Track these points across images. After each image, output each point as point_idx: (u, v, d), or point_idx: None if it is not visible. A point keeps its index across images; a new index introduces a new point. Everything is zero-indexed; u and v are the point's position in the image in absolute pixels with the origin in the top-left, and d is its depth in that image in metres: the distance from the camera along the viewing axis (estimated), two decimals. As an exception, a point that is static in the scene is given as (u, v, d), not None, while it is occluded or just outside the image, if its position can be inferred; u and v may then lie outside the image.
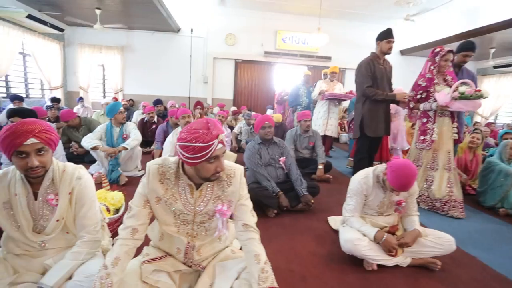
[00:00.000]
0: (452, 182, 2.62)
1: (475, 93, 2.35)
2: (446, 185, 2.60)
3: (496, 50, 7.41)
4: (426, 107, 2.66)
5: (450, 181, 2.61)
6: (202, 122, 1.07)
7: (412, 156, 2.83)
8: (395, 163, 1.55)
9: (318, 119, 4.77)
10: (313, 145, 3.59)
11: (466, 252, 1.93)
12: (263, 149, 2.57)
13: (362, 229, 1.68)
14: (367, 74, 2.82)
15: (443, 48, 2.59)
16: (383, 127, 2.93)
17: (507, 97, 8.15)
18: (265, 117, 2.57)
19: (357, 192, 1.73)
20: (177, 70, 8.08)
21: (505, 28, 5.74)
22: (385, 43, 2.81)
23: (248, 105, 8.23)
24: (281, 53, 8.03)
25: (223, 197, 1.21)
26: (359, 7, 6.99)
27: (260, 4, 7.30)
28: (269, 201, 2.30)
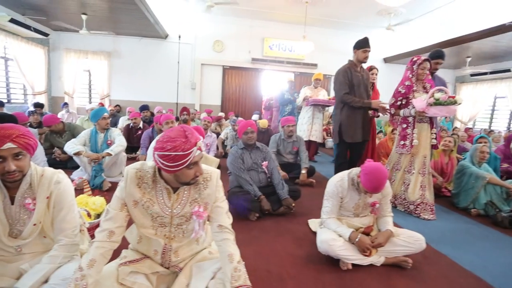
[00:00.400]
0: (425, 186, 2.72)
1: (448, 99, 2.44)
2: (419, 189, 2.71)
3: (472, 59, 7.78)
4: (405, 113, 2.75)
5: (423, 185, 2.72)
6: (179, 131, 1.09)
7: (393, 161, 2.91)
8: (368, 167, 1.64)
9: (303, 124, 4.88)
10: (297, 150, 3.67)
11: (437, 250, 2.03)
12: (246, 154, 2.62)
13: (338, 230, 1.75)
14: (345, 82, 2.93)
15: (420, 57, 2.69)
16: (360, 133, 3.01)
17: (483, 103, 8.53)
18: (247, 123, 2.63)
19: (333, 195, 1.80)
20: (164, 76, 8.09)
21: (480, 38, 6.06)
22: (361, 52, 2.92)
23: (236, 111, 8.30)
24: (268, 60, 8.18)
25: (200, 200, 1.25)
26: (343, 16, 7.23)
27: (247, 12, 7.44)
28: (251, 204, 2.34)
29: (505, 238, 2.34)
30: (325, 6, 6.58)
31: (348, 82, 2.94)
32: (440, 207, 2.98)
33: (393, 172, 2.89)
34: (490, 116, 8.74)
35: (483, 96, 8.45)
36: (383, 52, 8.81)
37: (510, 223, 2.51)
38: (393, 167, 2.89)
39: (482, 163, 2.95)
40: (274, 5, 6.83)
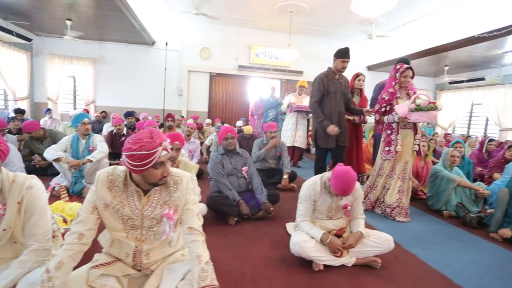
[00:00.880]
0: (403, 190, 2.78)
1: (429, 105, 2.50)
2: (396, 193, 2.78)
3: (450, 67, 8.13)
4: (389, 119, 2.80)
5: (401, 190, 2.78)
6: (146, 132, 1.17)
7: (377, 167, 2.94)
8: (337, 170, 1.71)
9: (287, 130, 4.98)
10: (279, 155, 3.75)
11: (407, 250, 2.11)
12: (226, 160, 2.67)
13: (311, 232, 1.81)
14: (318, 89, 3.01)
15: (402, 65, 2.75)
16: (334, 139, 3.04)
17: (461, 110, 8.88)
18: (227, 129, 2.69)
19: (306, 198, 1.87)
20: (151, 82, 8.09)
21: (455, 48, 6.36)
22: (340, 61, 2.99)
23: (223, 118, 8.36)
24: (254, 67, 8.30)
25: (170, 202, 1.29)
26: (327, 26, 7.45)
27: (234, 20, 7.57)
28: (229, 209, 2.39)
29: (472, 237, 2.46)
30: (309, 16, 6.78)
31: (324, 89, 3.00)
32: (416, 210, 3.10)
33: (377, 177, 2.92)
34: (468, 122, 9.09)
35: (461, 103, 8.81)
36: (367, 60, 9.09)
37: (477, 223, 2.64)
38: (378, 173, 2.93)
39: (453, 166, 3.09)
40: (260, 13, 6.98)
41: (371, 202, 2.96)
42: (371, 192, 2.97)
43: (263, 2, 6.27)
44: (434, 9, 5.82)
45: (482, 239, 2.40)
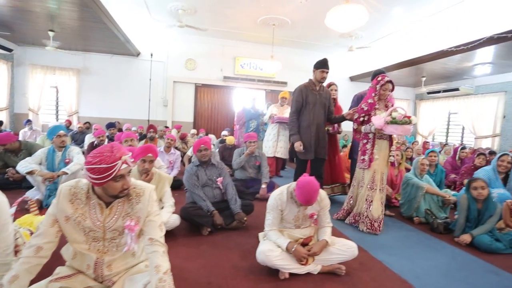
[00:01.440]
0: (383, 201, 2.84)
1: (404, 119, 2.53)
2: (380, 205, 2.76)
3: (427, 78, 8.48)
4: (366, 129, 2.84)
5: (382, 201, 2.81)
6: (107, 146, 1.23)
7: (357, 177, 2.92)
8: (301, 181, 1.78)
9: (269, 141, 5.06)
10: (259, 165, 3.81)
11: (374, 257, 2.18)
12: (201, 171, 2.71)
13: (277, 241, 1.86)
14: (297, 100, 3.06)
15: (384, 77, 2.77)
16: (312, 151, 3.04)
17: (440, 119, 9.22)
18: (201, 141, 2.73)
19: (274, 208, 1.92)
20: (136, 93, 8.10)
21: (430, 60, 6.67)
22: (319, 72, 3.02)
23: (208, 128, 8.41)
24: (239, 78, 8.44)
25: (132, 214, 1.33)
26: (309, 38, 7.69)
27: (219, 33, 7.72)
28: (202, 220, 2.41)
29: (438, 242, 2.56)
30: (291, 29, 6.99)
31: (302, 100, 3.03)
32: (389, 217, 3.19)
33: (358, 188, 2.91)
34: (446, 130, 9.43)
35: (439, 112, 9.16)
36: (349, 71, 9.38)
37: (444, 229, 2.75)
38: (358, 184, 2.91)
39: (423, 174, 3.22)
40: (244, 26, 7.16)
41: (353, 216, 2.88)
42: (355, 205, 2.90)
43: (246, 15, 6.45)
44: (409, 23, 6.10)
45: (447, 244, 2.51)
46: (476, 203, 2.53)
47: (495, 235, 2.43)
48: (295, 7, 5.80)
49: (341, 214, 3.05)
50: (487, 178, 3.18)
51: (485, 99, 7.75)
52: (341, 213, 3.06)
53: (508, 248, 2.37)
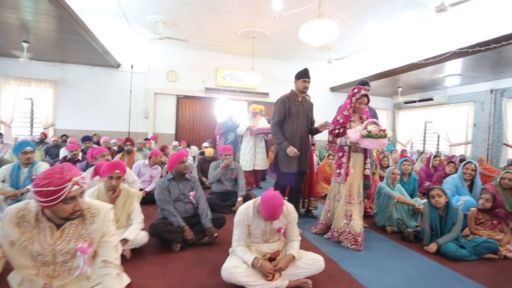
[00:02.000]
0: (362, 214, 2.79)
1: (379, 133, 2.52)
2: (360, 219, 2.72)
3: (403, 89, 8.81)
4: (342, 142, 2.78)
5: (361, 214, 2.77)
6: (58, 167, 1.19)
7: (333, 191, 2.89)
8: (265, 196, 1.79)
9: (245, 154, 5.01)
10: (235, 177, 3.79)
11: (343, 269, 2.19)
12: (173, 185, 2.67)
13: (244, 257, 1.84)
14: (279, 111, 2.96)
15: (360, 89, 2.78)
16: (296, 164, 2.92)
17: (417, 127, 9.54)
18: (181, 153, 2.70)
19: (240, 223, 1.91)
20: (116, 105, 7.97)
21: (405, 72, 6.95)
22: (301, 82, 2.96)
23: (190, 139, 8.34)
24: (221, 89, 8.47)
25: (86, 235, 1.28)
26: (289, 50, 7.85)
27: (200, 45, 7.78)
28: (172, 236, 2.36)
29: (408, 251, 2.60)
30: (271, 41, 7.14)
31: (285, 111, 2.94)
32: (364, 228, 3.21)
33: (334, 202, 2.86)
34: (423, 138, 9.76)
35: (416, 121, 9.48)
36: (329, 82, 9.61)
37: (414, 237, 2.81)
38: (335, 197, 2.86)
39: (395, 183, 3.29)
40: (225, 39, 7.24)
41: (332, 232, 2.81)
42: (334, 220, 2.85)
43: (226, 28, 6.54)
44: (383, 36, 6.35)
45: (416, 253, 2.55)
46: (438, 211, 2.61)
47: (460, 242, 2.50)
48: (273, 21, 5.94)
49: (319, 228, 3.00)
50: (454, 185, 3.31)
51: (457, 109, 8.11)
52: (318, 227, 3.01)
53: (472, 254, 2.44)
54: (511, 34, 4.30)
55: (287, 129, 3.00)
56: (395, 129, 10.42)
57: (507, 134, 6.95)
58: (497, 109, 7.22)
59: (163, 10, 5.73)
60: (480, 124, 7.56)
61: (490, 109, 7.27)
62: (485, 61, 5.69)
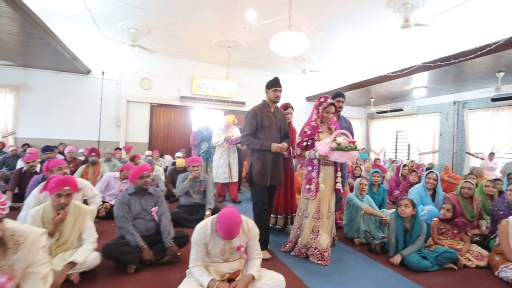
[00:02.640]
0: (330, 230, 2.68)
1: (349, 145, 2.40)
2: (326, 233, 2.61)
3: (375, 99, 9.11)
4: (310, 155, 2.63)
5: (328, 230, 2.65)
6: None
7: (302, 207, 2.75)
8: (221, 213, 1.71)
9: (219, 167, 4.85)
10: (204, 190, 3.67)
11: (307, 287, 2.13)
12: (134, 200, 2.51)
13: (200, 279, 1.74)
14: (250, 123, 2.77)
15: (326, 99, 2.68)
16: (268, 177, 2.73)
17: (389, 136, 9.88)
18: (142, 167, 2.56)
19: (197, 242, 1.81)
20: (86, 112, 7.61)
21: (375, 83, 7.19)
22: (272, 91, 2.80)
23: (165, 149, 8.11)
24: (197, 98, 8.35)
25: (6, 267, 1.14)
26: (265, 60, 7.91)
27: (175, 53, 7.66)
28: (127, 256, 2.20)
29: (374, 264, 2.60)
30: (246, 51, 7.15)
31: (257, 123, 2.75)
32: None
33: (302, 219, 2.72)
34: (395, 147, 10.11)
35: (388, 130, 9.83)
36: (305, 92, 9.77)
37: (381, 249, 2.82)
38: (303, 214, 2.72)
39: (363, 194, 3.32)
40: (200, 47, 7.18)
41: (299, 248, 2.69)
42: (300, 236, 2.72)
43: (201, 37, 6.48)
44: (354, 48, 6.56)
45: (382, 265, 2.56)
46: (403, 223, 2.64)
47: (422, 253, 2.54)
48: (248, 31, 5.95)
49: (288, 246, 2.82)
50: (419, 195, 3.40)
51: (425, 119, 8.49)
52: (288, 245, 2.83)
53: (434, 265, 2.48)
54: (468, 51, 4.56)
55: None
56: (369, 138, 10.74)
57: (469, 143, 7.34)
58: (460, 119, 7.63)
59: (134, 17, 5.58)
60: (446, 134, 7.95)
61: (453, 119, 7.67)
62: (447, 75, 6.02)
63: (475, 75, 6.05)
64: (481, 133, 7.12)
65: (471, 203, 3.28)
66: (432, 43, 5.39)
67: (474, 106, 7.35)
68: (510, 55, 4.75)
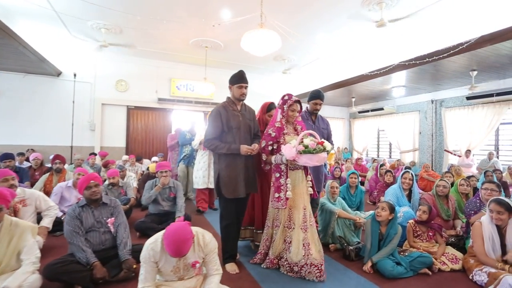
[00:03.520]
0: (309, 243, 2.31)
1: (317, 147, 2.20)
2: (302, 248, 2.29)
3: (356, 99, 9.14)
4: (277, 160, 2.37)
5: (305, 243, 2.30)
6: None
7: (271, 216, 2.50)
8: (169, 229, 1.53)
9: (198, 170, 4.54)
10: (174, 196, 3.47)
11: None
12: (86, 213, 2.29)
13: (148, 302, 1.56)
14: (214, 126, 2.43)
15: (291, 96, 2.44)
16: (243, 186, 2.42)
17: (371, 135, 9.94)
18: (89, 176, 2.35)
19: (146, 260, 1.63)
20: (57, 116, 7.23)
21: (356, 83, 7.17)
22: (237, 88, 2.47)
23: (143, 153, 7.82)
24: (176, 99, 8.11)
25: None
26: (244, 60, 7.74)
27: (152, 53, 7.40)
28: (74, 276, 1.98)
29: (347, 272, 2.46)
30: (224, 51, 6.98)
31: (222, 125, 2.41)
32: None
33: (273, 229, 2.47)
34: (377, 146, 10.18)
35: (370, 129, 9.88)
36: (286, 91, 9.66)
37: (356, 255, 2.70)
38: (273, 224, 2.47)
39: (335, 197, 3.19)
40: (177, 48, 6.95)
41: (271, 260, 2.45)
42: (270, 248, 2.47)
43: (176, 36, 6.27)
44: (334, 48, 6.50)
45: (355, 274, 2.43)
46: (380, 226, 2.54)
47: (396, 258, 2.44)
48: (225, 31, 5.79)
49: (258, 258, 2.56)
50: (395, 196, 3.32)
51: (405, 118, 8.57)
52: (257, 257, 2.56)
53: (409, 270, 2.38)
54: (442, 50, 4.57)
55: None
56: (351, 137, 10.77)
57: (447, 141, 7.44)
58: (438, 118, 7.73)
59: (104, 17, 5.31)
60: (425, 132, 8.04)
61: (432, 118, 7.77)
62: (424, 74, 6.06)
63: (451, 74, 6.12)
64: (458, 130, 7.23)
65: (447, 203, 3.24)
66: (409, 42, 5.39)
67: (451, 105, 7.46)
68: (482, 54, 4.80)
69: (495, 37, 4.21)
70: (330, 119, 3.18)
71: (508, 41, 4.27)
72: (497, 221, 2.28)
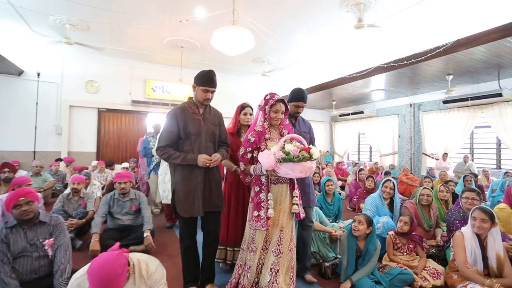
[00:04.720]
0: (278, 269, 1.92)
1: (301, 153, 1.79)
2: (268, 272, 1.93)
3: (337, 102, 9.08)
4: (256, 170, 1.98)
5: (274, 268, 1.92)
6: None
7: (247, 239, 2.08)
8: (93, 263, 1.23)
9: (166, 183, 3.80)
10: (136, 209, 3.13)
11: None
12: (16, 234, 1.93)
13: None
14: (169, 130, 2.05)
15: (273, 95, 2.06)
16: (200, 203, 2.03)
17: (352, 139, 9.91)
18: (18, 192, 1.97)
19: (71, 299, 1.32)
20: (17, 119, 6.66)
21: (337, 85, 7.07)
22: (201, 91, 2.08)
23: (115, 158, 7.36)
24: (151, 102, 7.71)
25: None
26: (223, 62, 7.46)
27: (126, 53, 7.00)
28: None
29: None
30: (201, 52, 6.68)
31: (179, 130, 2.05)
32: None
33: (247, 253, 2.05)
34: (357, 149, 10.17)
35: (351, 133, 9.86)
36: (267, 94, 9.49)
37: (332, 272, 2.48)
38: (249, 248, 2.04)
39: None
40: (151, 47, 6.59)
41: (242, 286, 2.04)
42: (243, 275, 2.06)
43: (149, 35, 5.92)
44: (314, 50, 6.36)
45: (330, 294, 2.21)
46: (356, 242, 2.33)
47: (376, 277, 2.23)
48: (200, 30, 5.52)
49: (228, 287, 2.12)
50: (374, 206, 3.14)
51: (384, 121, 8.59)
52: (228, 286, 2.11)
53: (389, 290, 2.19)
54: (420, 53, 4.51)
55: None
56: (332, 141, 10.72)
57: (425, 144, 7.48)
58: (416, 121, 7.78)
59: (67, 11, 4.89)
60: (404, 135, 8.07)
61: (410, 121, 7.80)
62: (403, 77, 6.04)
63: (428, 77, 6.13)
64: (435, 134, 7.28)
65: (429, 212, 3.09)
66: (388, 45, 5.33)
67: (428, 108, 7.52)
68: (457, 58, 4.79)
69: (470, 41, 4.19)
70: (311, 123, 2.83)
71: (482, 45, 4.27)
72: (479, 229, 2.16)
